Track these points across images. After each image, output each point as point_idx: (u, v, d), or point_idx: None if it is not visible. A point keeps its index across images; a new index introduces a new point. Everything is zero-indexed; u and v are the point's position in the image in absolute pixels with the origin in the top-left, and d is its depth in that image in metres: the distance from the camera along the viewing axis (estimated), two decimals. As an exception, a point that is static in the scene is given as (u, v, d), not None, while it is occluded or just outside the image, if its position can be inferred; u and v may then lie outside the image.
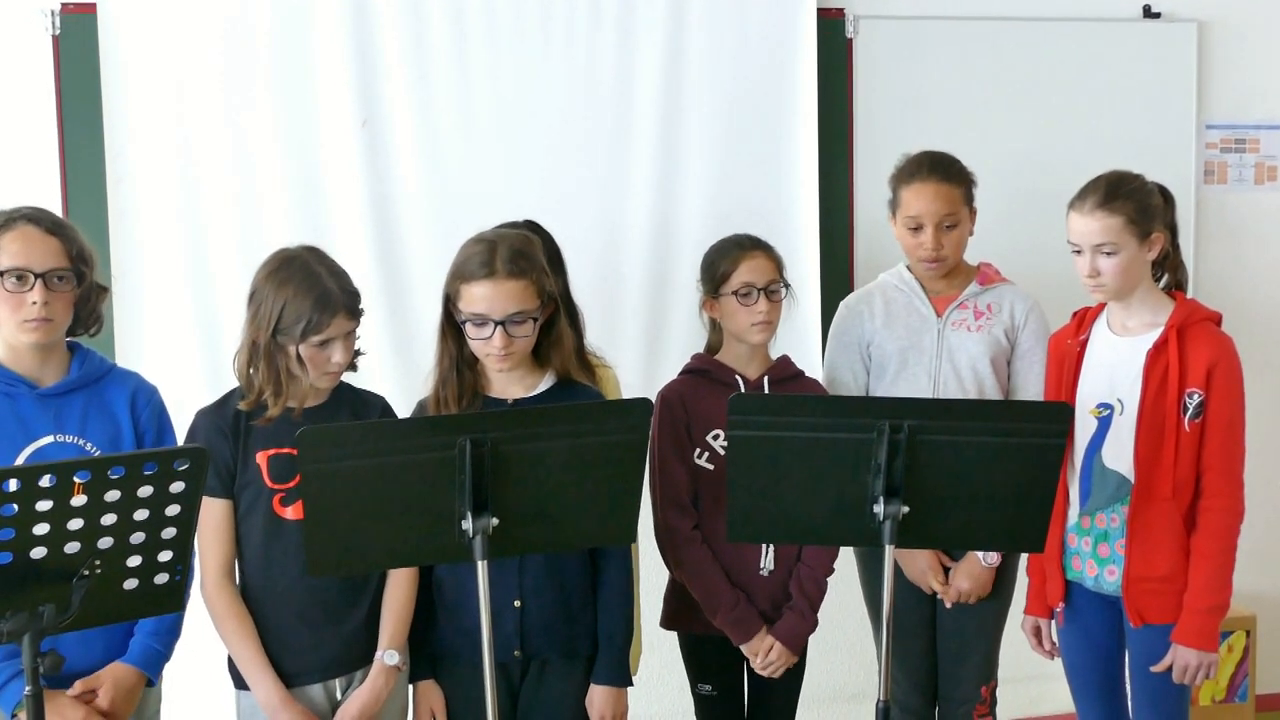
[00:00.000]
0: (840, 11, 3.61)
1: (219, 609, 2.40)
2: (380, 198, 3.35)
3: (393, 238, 3.36)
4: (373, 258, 3.30)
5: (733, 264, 2.72)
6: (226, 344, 3.18)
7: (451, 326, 2.47)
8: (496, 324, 2.38)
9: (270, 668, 2.38)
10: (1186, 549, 2.60)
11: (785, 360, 2.82)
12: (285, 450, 2.38)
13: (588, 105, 3.43)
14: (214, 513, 2.39)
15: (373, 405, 2.53)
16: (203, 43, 3.25)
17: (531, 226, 2.81)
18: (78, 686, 2.32)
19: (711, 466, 2.71)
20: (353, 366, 2.51)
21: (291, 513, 2.39)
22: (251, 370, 2.41)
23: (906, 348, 2.89)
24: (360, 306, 2.44)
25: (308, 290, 2.35)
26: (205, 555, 2.41)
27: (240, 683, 2.44)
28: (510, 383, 2.49)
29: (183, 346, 3.27)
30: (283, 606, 2.41)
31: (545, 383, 2.51)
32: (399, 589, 2.46)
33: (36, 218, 2.35)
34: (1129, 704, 2.76)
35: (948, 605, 2.88)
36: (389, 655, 2.43)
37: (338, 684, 2.45)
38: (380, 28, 3.32)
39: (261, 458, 2.40)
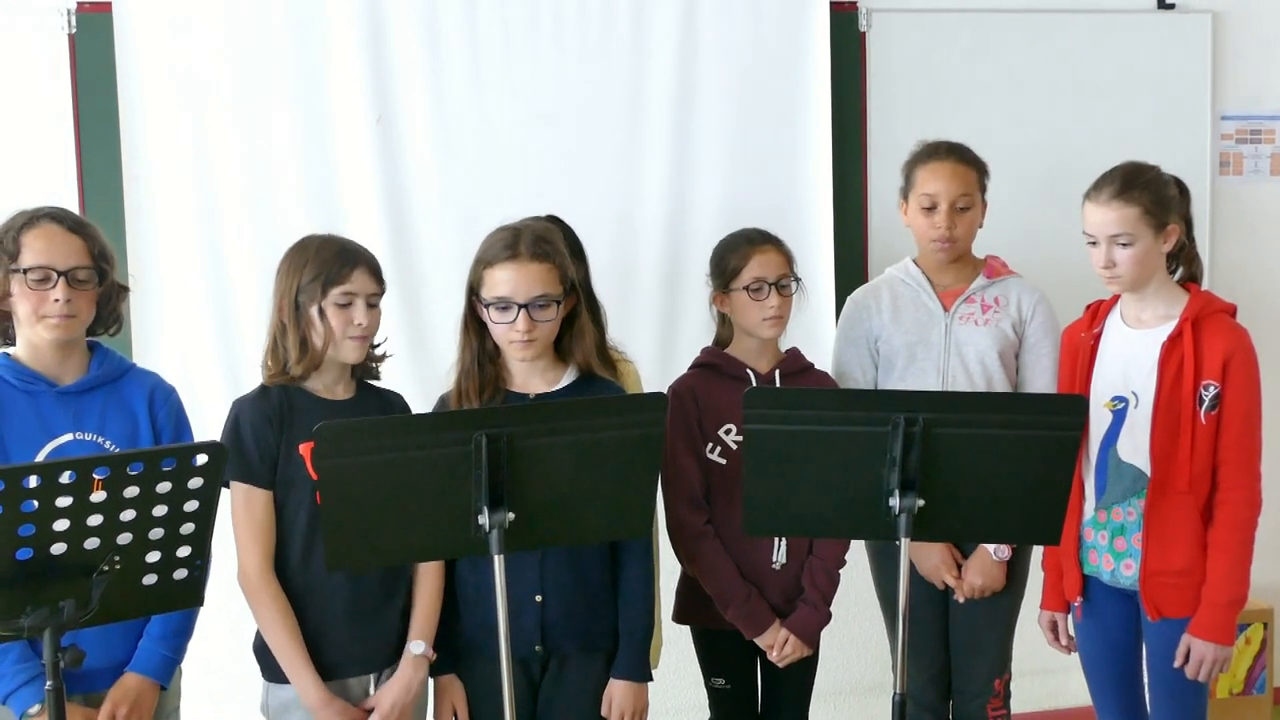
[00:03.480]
0: (853, 5, 3.60)
1: (263, 601, 2.38)
2: (395, 194, 3.36)
3: (407, 235, 3.37)
4: (388, 255, 3.27)
5: (743, 259, 2.72)
6: (243, 342, 3.22)
7: (474, 320, 2.48)
8: (520, 307, 2.39)
9: (311, 665, 2.37)
10: (1204, 542, 2.59)
11: (795, 353, 2.82)
12: None
13: (601, 100, 3.43)
14: (259, 503, 2.38)
15: (394, 403, 2.55)
16: (217, 41, 3.26)
17: (554, 221, 2.83)
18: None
19: (724, 461, 2.71)
20: (375, 374, 2.53)
21: None
22: (278, 347, 2.41)
23: (914, 342, 2.89)
24: (383, 277, 2.47)
25: (328, 247, 2.41)
26: (249, 546, 2.39)
27: (271, 675, 2.43)
28: (532, 376, 2.50)
29: (200, 345, 3.29)
30: (322, 600, 2.40)
31: (567, 377, 2.52)
32: (429, 583, 2.47)
33: (60, 216, 2.37)
34: (1146, 697, 2.76)
35: (960, 601, 2.88)
36: (416, 645, 2.44)
37: (371, 678, 2.46)
38: (394, 24, 3.33)
39: (305, 450, 2.38)
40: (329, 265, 2.38)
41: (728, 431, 2.71)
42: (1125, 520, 2.66)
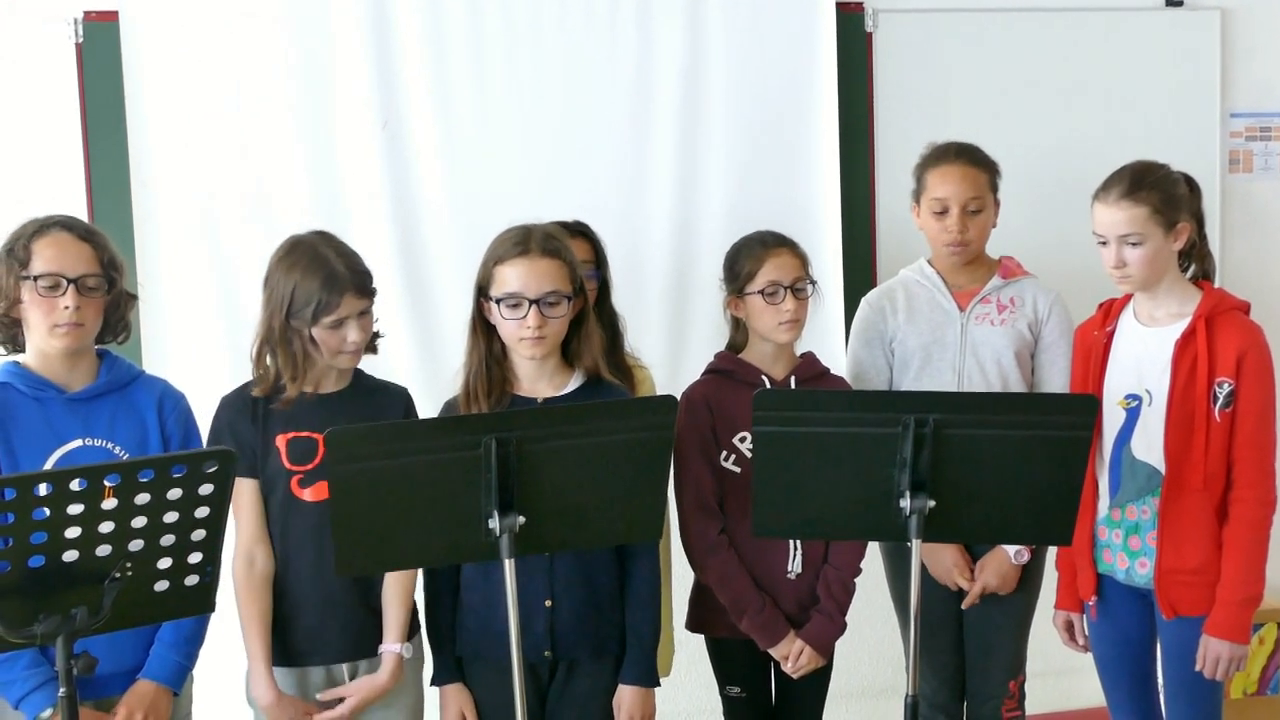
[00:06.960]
0: (859, 6, 3.60)
1: (240, 586, 2.44)
2: (401, 200, 3.36)
3: (414, 240, 3.37)
4: (394, 260, 3.31)
5: (757, 262, 2.69)
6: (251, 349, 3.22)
7: (482, 321, 2.48)
8: (531, 302, 2.38)
9: (268, 664, 2.42)
10: (1218, 540, 2.58)
11: (811, 358, 2.79)
12: (304, 434, 2.43)
13: (607, 104, 3.43)
14: (245, 491, 2.42)
15: (394, 396, 2.55)
16: (223, 48, 3.27)
17: (580, 227, 2.84)
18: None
19: (738, 470, 2.68)
20: (373, 349, 2.53)
21: (309, 494, 2.43)
22: (267, 356, 2.45)
23: (930, 343, 2.88)
24: (372, 286, 2.47)
25: (315, 272, 2.39)
26: (236, 532, 2.42)
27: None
28: (539, 380, 2.49)
29: (208, 351, 3.29)
30: (295, 587, 2.45)
31: (575, 381, 2.50)
32: (395, 583, 2.49)
33: (70, 224, 2.39)
34: (1161, 697, 2.75)
35: (965, 604, 2.87)
36: (406, 648, 2.47)
37: (345, 669, 2.48)
38: (399, 31, 3.34)
39: (280, 441, 2.44)
40: (316, 295, 2.38)
41: (742, 439, 2.67)
42: (1140, 518, 2.65)
